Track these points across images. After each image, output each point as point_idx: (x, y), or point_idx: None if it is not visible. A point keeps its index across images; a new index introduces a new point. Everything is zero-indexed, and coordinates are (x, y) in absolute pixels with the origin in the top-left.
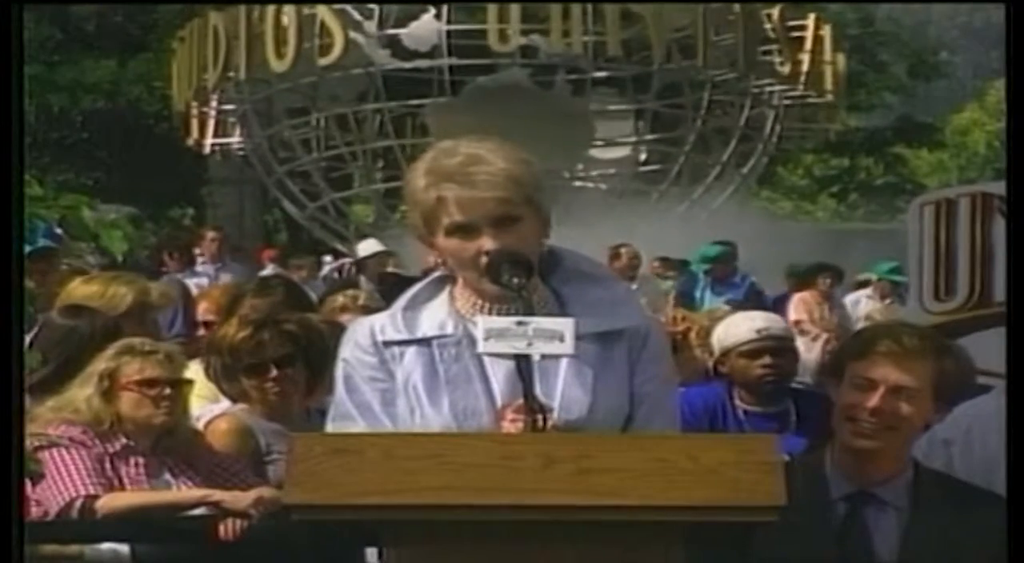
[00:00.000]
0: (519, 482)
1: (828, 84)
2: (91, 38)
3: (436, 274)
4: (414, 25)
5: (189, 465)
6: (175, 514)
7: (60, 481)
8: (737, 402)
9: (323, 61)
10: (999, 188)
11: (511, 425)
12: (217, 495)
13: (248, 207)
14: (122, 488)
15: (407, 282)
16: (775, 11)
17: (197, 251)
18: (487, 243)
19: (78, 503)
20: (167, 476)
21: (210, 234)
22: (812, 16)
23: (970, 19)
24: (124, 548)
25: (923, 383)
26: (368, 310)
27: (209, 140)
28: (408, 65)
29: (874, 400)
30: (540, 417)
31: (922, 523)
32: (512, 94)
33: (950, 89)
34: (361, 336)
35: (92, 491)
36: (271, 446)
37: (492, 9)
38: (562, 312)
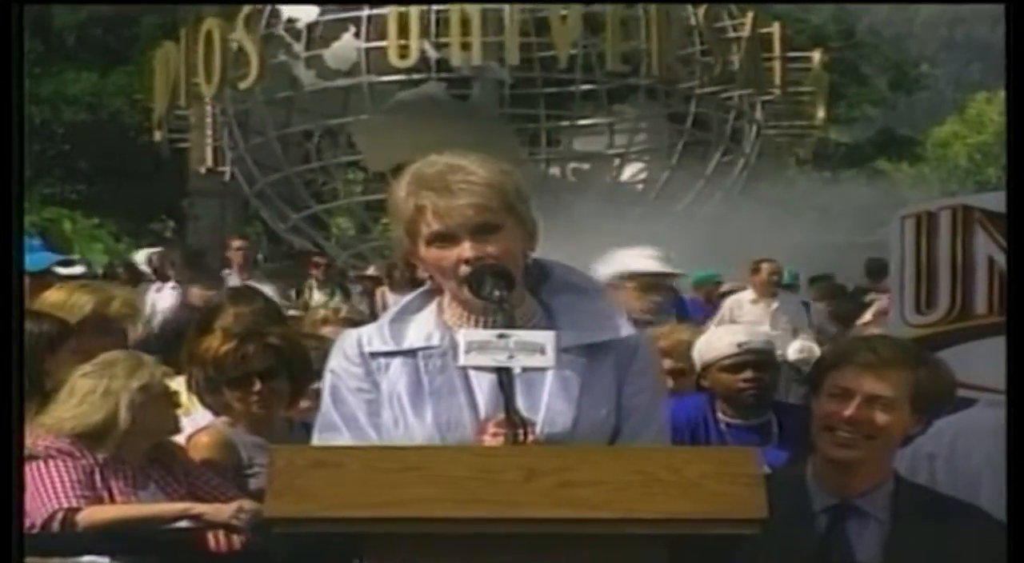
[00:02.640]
0: (501, 495)
1: (777, 81)
2: (72, 51)
3: (425, 286)
4: (336, 45)
5: (173, 477)
6: (156, 527)
7: (43, 493)
8: (719, 415)
9: (242, 85)
10: (980, 201)
11: (492, 439)
12: (198, 508)
13: (229, 219)
14: (112, 500)
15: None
16: (700, 11)
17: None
18: (466, 251)
19: (59, 516)
20: (153, 487)
21: (236, 243)
22: (750, 15)
23: (951, 32)
24: (104, 561)
25: (899, 393)
26: (350, 322)
27: (228, 167)
28: (330, 84)
29: (850, 409)
30: (521, 431)
31: (903, 535)
32: (431, 107)
33: (931, 102)
34: (348, 347)
35: (73, 504)
36: (253, 459)
37: (393, 25)
38: (551, 325)
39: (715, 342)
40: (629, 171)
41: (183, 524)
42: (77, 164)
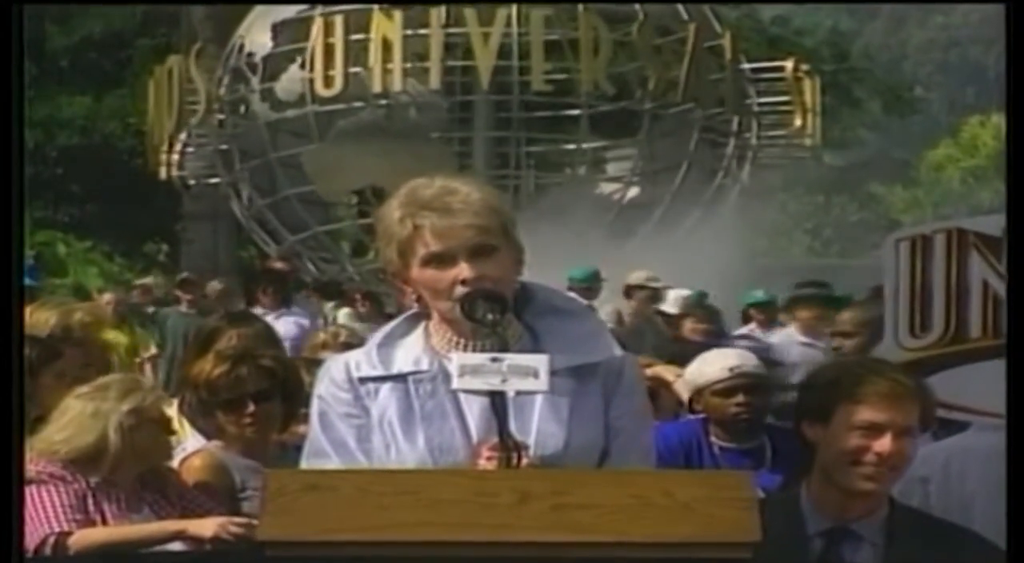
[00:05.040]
0: (494, 518)
1: (729, 94)
2: (66, 74)
3: (411, 311)
4: (284, 77)
5: (167, 500)
6: (148, 549)
7: (35, 518)
8: (712, 438)
9: (192, 120)
10: (975, 224)
11: (487, 463)
12: (191, 528)
13: (222, 243)
14: (104, 524)
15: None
16: (634, 26)
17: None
18: (464, 272)
19: (51, 540)
20: (147, 511)
21: (277, 265)
22: (692, 27)
23: (945, 55)
24: None
25: (915, 421)
26: (349, 347)
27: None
28: (282, 116)
29: (885, 445)
30: (515, 454)
31: (898, 558)
32: (371, 133)
33: (925, 126)
34: (336, 372)
35: (66, 527)
36: (246, 482)
37: (319, 54)
38: (536, 347)
39: (706, 367)
40: (607, 192)
41: (175, 546)
42: (70, 187)
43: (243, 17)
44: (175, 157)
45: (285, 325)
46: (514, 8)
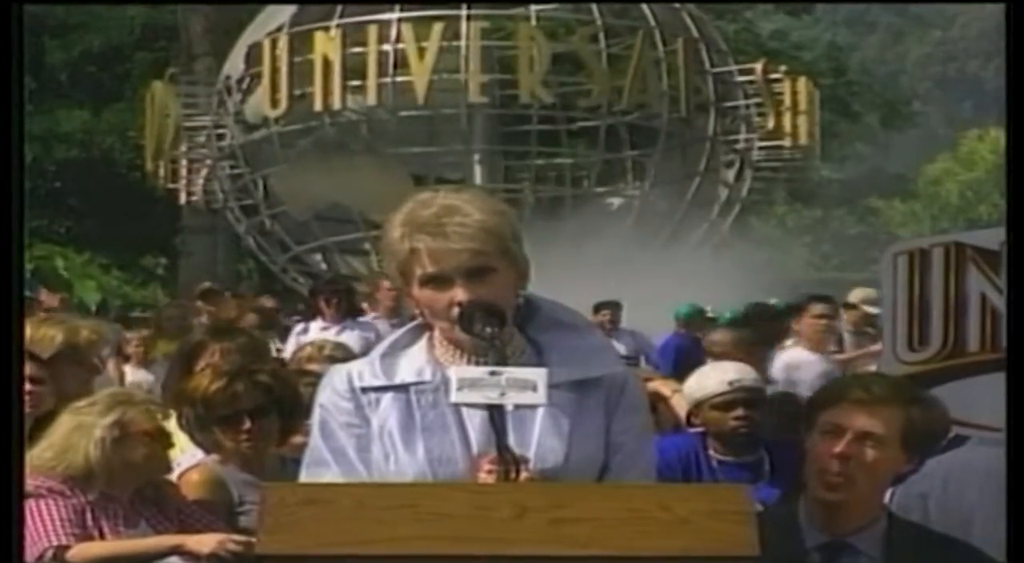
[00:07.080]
0: (492, 532)
1: (683, 100)
2: (65, 88)
3: (416, 322)
4: (251, 98)
5: (164, 515)
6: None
7: (34, 532)
8: (711, 452)
9: (165, 144)
10: (972, 238)
11: (486, 476)
12: (190, 544)
13: (221, 256)
14: (103, 538)
15: None
16: (576, 35)
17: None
18: (459, 294)
19: (49, 554)
20: (144, 526)
21: (386, 283)
22: (640, 34)
23: (943, 70)
24: None
25: (890, 430)
26: (333, 360)
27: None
28: (250, 138)
29: (840, 446)
30: (514, 468)
31: None
32: (328, 152)
33: (923, 139)
34: (339, 382)
35: (64, 541)
36: (244, 497)
37: (266, 75)
38: (539, 361)
39: (705, 380)
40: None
41: (173, 560)
42: (69, 201)
43: (242, 30)
44: (181, 179)
45: (350, 339)
46: (464, 21)
